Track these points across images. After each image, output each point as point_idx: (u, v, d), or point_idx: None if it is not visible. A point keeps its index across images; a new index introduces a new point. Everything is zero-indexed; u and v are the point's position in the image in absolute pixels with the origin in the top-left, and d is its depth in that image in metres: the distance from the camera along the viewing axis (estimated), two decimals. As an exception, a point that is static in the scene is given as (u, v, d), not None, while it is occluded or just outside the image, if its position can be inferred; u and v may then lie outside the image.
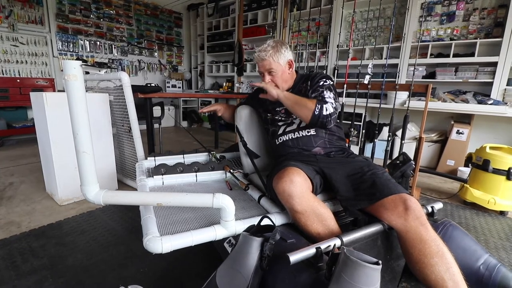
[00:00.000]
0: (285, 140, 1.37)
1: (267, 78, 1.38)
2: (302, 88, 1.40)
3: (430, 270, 0.85)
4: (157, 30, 5.71)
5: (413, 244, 0.90)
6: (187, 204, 0.94)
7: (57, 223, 1.68)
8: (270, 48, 1.34)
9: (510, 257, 1.48)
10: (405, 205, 0.94)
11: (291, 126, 1.38)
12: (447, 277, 0.84)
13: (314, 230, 1.01)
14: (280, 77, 1.38)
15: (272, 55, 1.34)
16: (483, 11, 3.05)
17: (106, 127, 2.10)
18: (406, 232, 0.92)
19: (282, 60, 1.36)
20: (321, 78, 1.35)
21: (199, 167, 1.57)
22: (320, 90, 1.30)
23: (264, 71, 1.38)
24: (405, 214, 0.93)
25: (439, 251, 0.87)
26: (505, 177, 1.92)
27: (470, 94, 3.00)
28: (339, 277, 0.70)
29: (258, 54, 1.37)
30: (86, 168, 0.88)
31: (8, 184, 2.27)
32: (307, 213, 1.00)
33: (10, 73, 3.94)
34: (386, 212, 0.98)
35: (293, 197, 0.99)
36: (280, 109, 1.43)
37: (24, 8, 3.96)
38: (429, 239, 0.88)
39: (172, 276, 1.25)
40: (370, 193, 1.04)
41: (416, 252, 0.89)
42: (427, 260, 0.86)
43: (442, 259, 0.86)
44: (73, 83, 0.81)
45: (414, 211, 0.92)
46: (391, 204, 0.97)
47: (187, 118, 6.07)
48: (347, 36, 3.95)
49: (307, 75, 1.44)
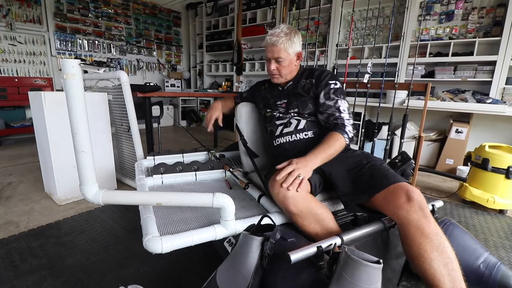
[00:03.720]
0: (282, 142, 1.34)
1: (272, 66, 1.32)
2: (306, 84, 1.34)
3: (429, 265, 0.83)
4: (156, 29, 5.70)
5: (414, 237, 0.87)
6: (187, 203, 0.94)
7: (55, 223, 1.67)
8: (284, 34, 1.25)
9: (509, 256, 1.48)
10: (407, 196, 0.91)
11: (288, 128, 1.34)
12: (444, 272, 0.82)
13: (312, 230, 1.00)
14: (287, 67, 1.32)
15: (284, 43, 1.25)
16: (482, 10, 3.05)
17: (105, 127, 2.09)
18: (407, 224, 0.89)
19: (292, 50, 1.28)
20: (329, 79, 1.30)
21: (199, 166, 1.57)
22: (334, 99, 1.26)
23: (272, 58, 1.30)
24: (407, 206, 0.90)
25: (440, 245, 0.85)
26: (504, 176, 1.92)
27: (469, 93, 3.01)
28: (340, 276, 0.70)
29: (269, 38, 1.27)
30: (85, 168, 0.88)
31: (7, 184, 2.26)
32: (304, 214, 0.99)
33: (8, 73, 3.92)
34: (387, 203, 0.95)
35: (287, 199, 0.98)
36: (281, 103, 1.40)
37: (22, 7, 3.94)
38: (431, 233, 0.86)
39: (171, 275, 1.24)
40: (369, 185, 1.03)
41: (416, 246, 0.86)
42: (426, 254, 0.84)
43: (442, 254, 0.84)
44: (71, 82, 0.81)
45: (417, 202, 0.90)
46: (392, 195, 0.95)
47: (186, 117, 6.06)
48: (346, 35, 3.95)
49: (309, 69, 1.40)
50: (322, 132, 1.28)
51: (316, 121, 1.33)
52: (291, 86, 1.40)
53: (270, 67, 1.33)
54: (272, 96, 1.43)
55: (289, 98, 1.37)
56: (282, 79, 1.37)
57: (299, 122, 1.32)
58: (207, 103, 5.98)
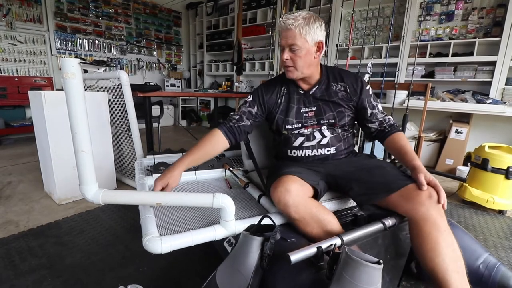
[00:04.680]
0: (299, 156, 1.23)
1: (285, 55, 1.10)
2: (339, 91, 1.20)
3: (443, 259, 0.85)
4: (156, 29, 5.69)
5: (431, 232, 0.88)
6: (187, 204, 0.93)
7: (55, 223, 1.67)
8: (301, 18, 1.06)
9: (509, 256, 1.48)
10: (429, 193, 0.92)
11: (310, 142, 1.20)
12: (456, 268, 0.85)
13: (315, 235, 0.99)
14: (303, 58, 1.10)
15: (300, 27, 1.05)
16: (482, 10, 3.05)
17: (105, 126, 2.09)
18: (425, 219, 0.90)
19: (310, 37, 1.07)
20: (365, 84, 1.23)
21: (198, 165, 1.57)
22: (376, 105, 1.23)
23: (285, 45, 1.10)
24: (428, 202, 0.91)
25: (452, 243, 0.88)
26: (504, 176, 1.92)
27: (469, 93, 3.01)
28: (340, 277, 0.70)
29: (283, 21, 1.07)
30: (85, 167, 0.88)
31: (6, 183, 2.26)
32: (306, 220, 0.98)
33: (8, 72, 3.91)
34: (405, 201, 0.96)
35: (289, 206, 0.96)
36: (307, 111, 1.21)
37: (22, 7, 3.93)
38: (446, 231, 0.89)
39: (171, 275, 1.24)
40: (385, 185, 1.02)
41: (433, 240, 0.88)
42: (441, 249, 0.86)
43: (454, 252, 0.87)
44: (71, 81, 0.80)
45: (436, 200, 0.91)
46: (412, 192, 0.95)
47: (186, 117, 6.06)
48: (346, 35, 3.95)
49: (338, 71, 1.25)
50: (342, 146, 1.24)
51: (339, 135, 1.23)
52: (318, 90, 1.21)
53: (283, 57, 1.12)
54: (292, 101, 1.22)
55: (318, 106, 1.21)
56: (297, 73, 1.15)
57: (323, 137, 1.20)
58: (207, 103, 5.97)
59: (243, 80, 5.19)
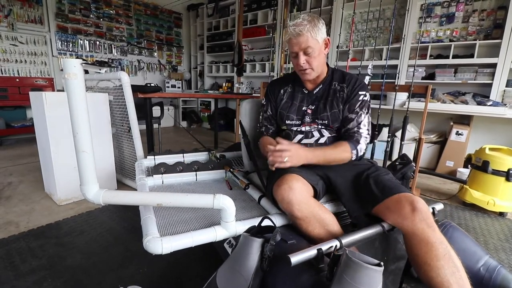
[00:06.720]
0: None
1: (302, 59, 1.15)
2: (338, 90, 1.23)
3: (436, 273, 0.82)
4: (157, 30, 5.71)
5: (420, 246, 0.87)
6: (187, 204, 0.94)
7: (56, 223, 1.67)
8: (307, 22, 1.11)
9: (509, 259, 1.48)
10: (412, 206, 0.91)
11: (308, 139, 1.24)
12: (453, 281, 0.81)
13: (316, 235, 0.99)
14: (317, 57, 1.16)
15: (310, 30, 1.10)
16: (483, 12, 3.06)
17: (105, 127, 2.09)
18: (412, 234, 0.89)
19: (319, 37, 1.13)
20: (360, 89, 1.21)
21: (199, 166, 1.57)
22: (358, 113, 1.19)
23: (299, 50, 1.14)
24: (412, 216, 0.90)
25: (446, 254, 0.84)
26: (504, 178, 1.92)
27: (469, 95, 3.01)
28: (340, 279, 0.70)
29: (293, 28, 1.12)
30: (86, 168, 0.88)
31: (7, 184, 2.26)
32: (308, 219, 0.98)
33: (9, 73, 3.92)
34: (391, 213, 0.96)
35: (292, 204, 0.97)
36: (307, 108, 1.25)
37: (23, 8, 3.94)
38: (436, 242, 0.86)
39: (171, 276, 1.24)
40: (373, 195, 1.03)
41: (422, 254, 0.86)
42: (433, 263, 0.84)
43: (449, 262, 0.83)
44: (73, 81, 0.81)
45: (421, 212, 0.90)
46: (395, 205, 0.95)
47: (187, 118, 6.07)
48: (347, 37, 3.95)
49: (341, 72, 1.28)
50: None
51: (338, 136, 1.25)
52: (321, 90, 1.26)
53: (299, 62, 1.16)
54: (295, 99, 1.29)
55: (318, 105, 1.25)
56: (314, 73, 1.21)
57: (321, 136, 1.23)
58: (207, 104, 5.98)
59: (244, 82, 5.20)
